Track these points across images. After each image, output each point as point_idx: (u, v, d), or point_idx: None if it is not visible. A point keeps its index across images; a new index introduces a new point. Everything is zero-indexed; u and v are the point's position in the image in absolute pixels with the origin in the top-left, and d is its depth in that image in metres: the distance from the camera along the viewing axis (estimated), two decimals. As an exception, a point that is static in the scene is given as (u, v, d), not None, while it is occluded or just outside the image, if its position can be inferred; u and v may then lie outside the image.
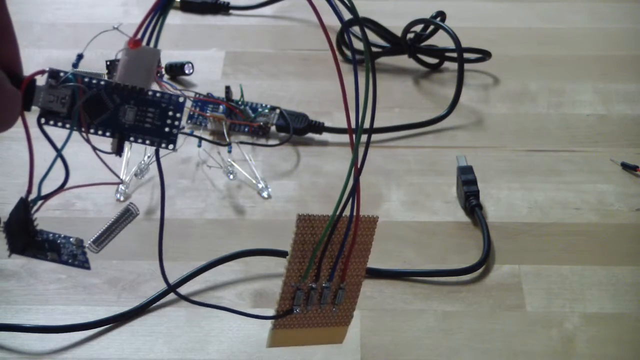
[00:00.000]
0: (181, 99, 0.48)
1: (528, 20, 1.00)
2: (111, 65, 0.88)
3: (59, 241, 0.52)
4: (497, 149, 0.82)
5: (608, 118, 0.86)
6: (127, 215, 0.53)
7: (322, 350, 0.63)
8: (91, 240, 0.52)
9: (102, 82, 0.47)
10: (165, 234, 0.73)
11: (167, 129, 0.48)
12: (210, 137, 0.81)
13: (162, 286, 0.67)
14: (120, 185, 0.76)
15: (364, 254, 0.56)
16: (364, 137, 0.51)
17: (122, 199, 0.76)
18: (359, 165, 0.51)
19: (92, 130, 0.48)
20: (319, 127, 0.83)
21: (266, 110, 0.83)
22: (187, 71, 0.89)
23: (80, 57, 0.48)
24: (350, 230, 0.54)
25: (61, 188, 0.49)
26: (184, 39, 0.97)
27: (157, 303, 0.67)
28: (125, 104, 0.47)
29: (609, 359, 0.63)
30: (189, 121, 0.84)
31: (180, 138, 0.79)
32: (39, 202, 0.49)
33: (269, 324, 0.65)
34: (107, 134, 0.48)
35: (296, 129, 0.82)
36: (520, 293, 0.68)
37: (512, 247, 0.72)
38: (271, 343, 0.57)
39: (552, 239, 0.73)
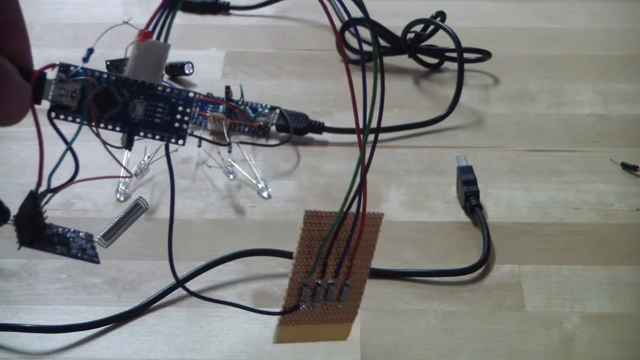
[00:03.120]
0: (191, 94, 0.48)
1: (528, 20, 1.00)
2: (111, 65, 0.88)
3: (68, 235, 0.52)
4: (497, 149, 0.82)
5: (608, 118, 0.86)
6: (136, 210, 0.53)
7: (322, 350, 0.63)
8: (100, 234, 0.53)
9: (112, 77, 0.47)
10: (166, 233, 0.73)
11: (177, 124, 0.48)
12: (210, 137, 0.81)
13: (162, 286, 0.68)
14: (121, 185, 0.76)
15: (369, 250, 0.56)
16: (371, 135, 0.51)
17: (122, 199, 0.76)
18: (365, 162, 0.52)
19: (102, 125, 0.48)
20: (319, 127, 0.83)
21: (266, 110, 0.83)
22: (187, 71, 0.89)
23: (90, 51, 0.48)
24: (356, 227, 0.54)
25: (71, 181, 0.49)
26: (184, 39, 0.97)
27: (157, 303, 0.67)
28: (135, 99, 0.48)
29: (609, 359, 0.63)
30: (189, 121, 0.84)
31: (181, 138, 0.80)
32: (48, 195, 0.49)
33: (270, 323, 0.65)
34: (117, 128, 0.48)
35: (296, 129, 0.82)
36: (520, 293, 0.68)
37: (512, 247, 0.72)
38: (278, 339, 0.57)
39: (552, 239, 0.73)
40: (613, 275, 0.69)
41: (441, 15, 0.90)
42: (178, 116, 0.48)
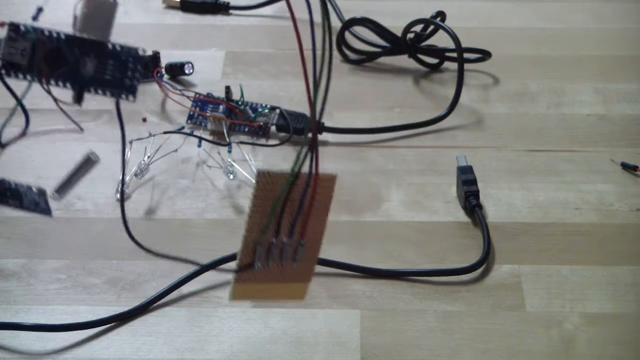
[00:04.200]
0: (140, 52, 0.49)
1: (528, 20, 1.00)
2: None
3: (21, 190, 0.53)
4: (497, 149, 0.82)
5: (608, 118, 0.86)
6: (87, 164, 0.53)
7: (322, 350, 0.63)
8: (54, 189, 0.53)
9: (62, 35, 0.48)
10: (166, 233, 0.73)
11: (127, 81, 0.49)
12: (210, 137, 0.81)
13: (162, 286, 0.68)
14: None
15: (323, 211, 0.57)
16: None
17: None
18: (317, 117, 0.52)
19: (52, 82, 0.49)
20: (319, 128, 0.82)
21: (266, 110, 0.83)
22: (187, 71, 0.89)
23: (40, 10, 0.49)
24: (309, 187, 0.54)
25: (22, 135, 0.50)
26: (184, 39, 0.97)
27: (157, 303, 0.67)
28: (85, 56, 0.48)
29: (609, 359, 0.63)
30: (189, 121, 0.84)
31: (180, 138, 0.80)
32: (0, 150, 0.50)
33: (270, 323, 0.65)
34: (68, 85, 0.49)
35: (296, 129, 0.82)
36: (520, 293, 0.68)
37: (512, 247, 0.72)
38: (233, 296, 0.57)
39: (552, 239, 0.73)
40: (613, 275, 0.69)
41: (441, 15, 0.90)
42: (128, 73, 0.49)
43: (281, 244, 0.55)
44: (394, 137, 0.83)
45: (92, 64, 0.49)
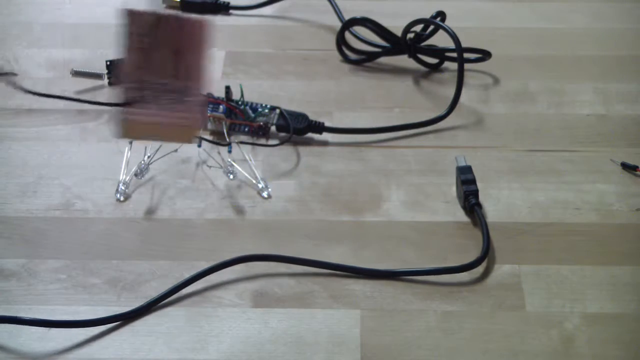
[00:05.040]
0: None
1: (528, 20, 1.00)
2: (111, 65, 0.88)
3: None
4: (497, 149, 0.82)
5: (608, 118, 0.86)
6: None
7: (322, 350, 0.64)
8: None
9: None
10: (165, 234, 0.73)
11: None
12: (210, 137, 0.81)
13: (162, 286, 0.68)
14: (121, 185, 0.76)
15: (199, 56, 0.57)
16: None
17: (122, 198, 0.76)
18: None
19: None
20: (319, 127, 0.83)
21: (266, 110, 0.83)
22: (187, 71, 0.89)
23: None
24: (182, 28, 0.56)
25: None
26: (184, 39, 0.97)
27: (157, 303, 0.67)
28: None
29: (609, 359, 0.63)
30: (189, 121, 0.84)
31: (181, 138, 0.80)
32: None
33: (270, 324, 0.65)
34: None
35: (296, 129, 0.82)
36: (520, 293, 0.68)
37: (512, 247, 0.72)
38: (121, 133, 0.58)
39: (552, 239, 0.73)
40: (613, 275, 0.69)
41: (441, 15, 0.90)
42: None
43: (159, 83, 0.56)
44: (394, 137, 0.83)
45: None
